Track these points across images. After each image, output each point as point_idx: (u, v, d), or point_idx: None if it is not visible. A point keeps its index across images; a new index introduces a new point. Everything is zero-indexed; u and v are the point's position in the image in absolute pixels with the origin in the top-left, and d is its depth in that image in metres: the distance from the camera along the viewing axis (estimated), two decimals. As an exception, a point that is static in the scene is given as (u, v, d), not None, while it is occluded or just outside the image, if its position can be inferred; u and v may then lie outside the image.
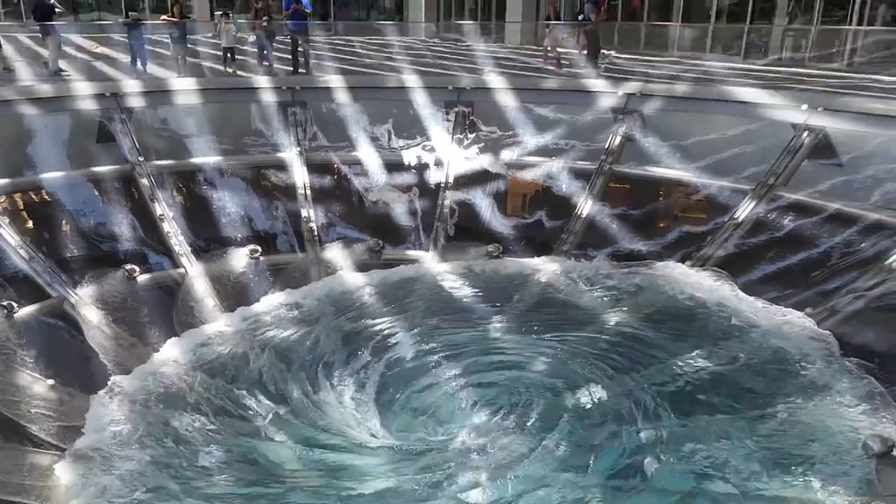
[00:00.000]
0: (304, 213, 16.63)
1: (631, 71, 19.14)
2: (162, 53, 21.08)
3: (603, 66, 19.39)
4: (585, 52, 20.06)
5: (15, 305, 12.56)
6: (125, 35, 20.51)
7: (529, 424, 10.43)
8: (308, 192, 16.89)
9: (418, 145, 17.73)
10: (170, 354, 12.51)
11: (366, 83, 18.72)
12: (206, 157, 16.86)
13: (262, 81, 18.27)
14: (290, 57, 20.18)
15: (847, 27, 19.32)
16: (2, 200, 14.44)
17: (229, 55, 19.90)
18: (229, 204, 16.28)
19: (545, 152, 17.27)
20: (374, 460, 9.94)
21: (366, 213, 17.22)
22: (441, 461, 9.72)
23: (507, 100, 17.77)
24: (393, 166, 17.49)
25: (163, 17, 20.97)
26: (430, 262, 16.13)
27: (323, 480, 9.63)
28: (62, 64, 18.80)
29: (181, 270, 14.93)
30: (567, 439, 9.99)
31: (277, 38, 21.54)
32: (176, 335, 13.11)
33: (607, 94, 17.14)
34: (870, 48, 18.54)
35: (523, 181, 17.29)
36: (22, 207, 15.00)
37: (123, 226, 15.13)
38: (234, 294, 14.67)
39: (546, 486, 9.21)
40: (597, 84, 17.51)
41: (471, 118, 17.95)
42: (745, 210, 14.31)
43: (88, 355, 12.36)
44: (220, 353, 12.55)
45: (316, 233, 16.43)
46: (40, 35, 20.44)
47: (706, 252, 14.42)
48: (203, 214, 16.08)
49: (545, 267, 15.39)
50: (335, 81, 18.31)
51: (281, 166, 17.18)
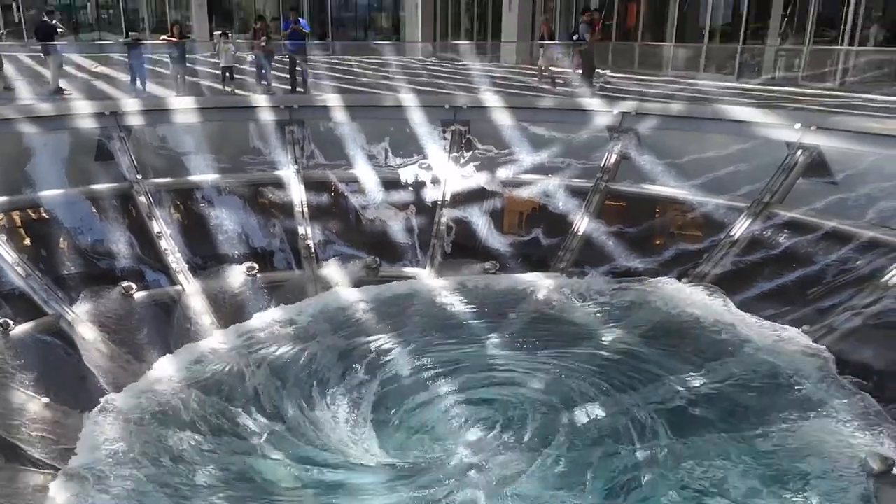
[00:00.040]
0: (302, 231, 16.51)
1: (626, 90, 19.15)
2: (161, 73, 21.06)
3: (598, 85, 19.39)
4: (580, 72, 20.09)
5: (11, 323, 12.39)
6: (125, 55, 20.50)
7: (526, 442, 10.28)
8: (305, 210, 16.79)
9: (415, 163, 17.67)
10: (165, 372, 12.33)
11: (363, 102, 18.70)
12: (204, 175, 16.76)
13: (261, 100, 18.22)
14: (289, 76, 20.18)
15: (839, 47, 19.37)
16: (0, 218, 14.31)
17: (228, 74, 19.86)
18: (227, 221, 16.17)
19: (541, 170, 17.21)
20: (371, 478, 9.76)
21: (363, 231, 17.11)
22: (438, 479, 9.56)
23: (504, 118, 17.75)
24: (390, 184, 17.42)
25: (162, 38, 20.92)
26: (427, 279, 16.01)
27: (320, 499, 9.44)
28: (63, 83, 18.78)
29: (178, 288, 14.79)
30: (564, 457, 9.84)
31: (276, 58, 21.55)
32: (172, 352, 12.93)
33: (602, 113, 17.13)
34: (862, 68, 18.57)
35: (520, 199, 17.22)
36: (20, 225, 14.86)
37: (121, 243, 14.99)
38: (231, 311, 14.52)
39: (543, 504, 9.06)
40: (592, 103, 17.50)
41: (467, 136, 17.90)
42: (741, 228, 14.24)
43: (84, 373, 12.16)
44: (215, 370, 12.37)
45: (313, 250, 16.31)
46: (41, 55, 20.46)
47: (702, 269, 14.32)
48: (200, 232, 15.96)
49: (542, 284, 15.26)
50: (333, 100, 18.26)
51: (278, 184, 17.08)
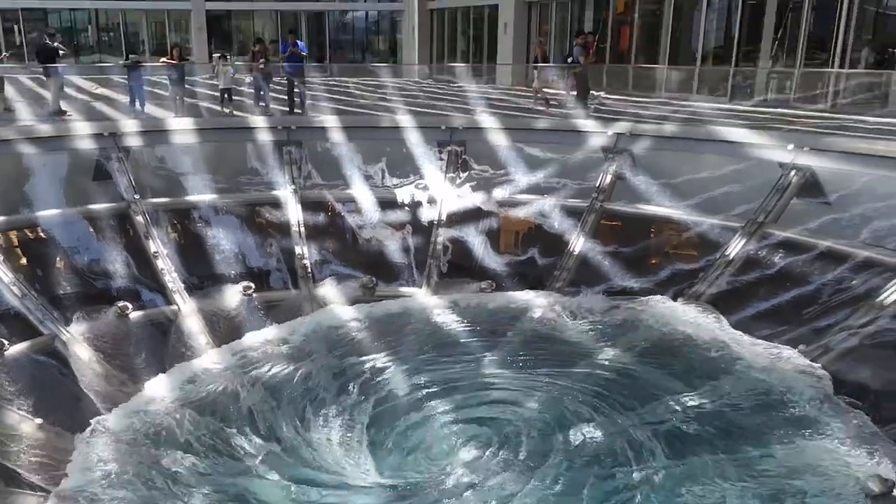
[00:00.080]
0: (298, 251, 16.34)
1: (620, 111, 19.10)
2: (160, 94, 20.99)
3: (593, 107, 19.34)
4: (574, 93, 20.06)
5: (6, 343, 12.18)
6: (125, 76, 20.45)
7: (522, 462, 10.06)
8: (302, 230, 16.62)
9: (411, 183, 17.53)
10: (158, 392, 12.10)
11: (360, 123, 18.60)
12: (202, 195, 16.59)
13: (259, 121, 18.10)
14: (286, 98, 20.11)
15: (830, 70, 19.38)
16: (-3, 238, 14.17)
17: (226, 96, 19.79)
18: (223, 241, 15.98)
19: (537, 190, 17.09)
20: (367, 499, 9.54)
21: (359, 251, 16.95)
22: (434, 499, 9.35)
23: (499, 139, 17.63)
24: (386, 204, 17.27)
25: (162, 60, 20.89)
26: (423, 298, 15.83)
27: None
28: (63, 105, 18.70)
29: (174, 307, 14.57)
30: (561, 477, 9.64)
31: (274, 80, 21.50)
32: (166, 372, 12.72)
33: (597, 134, 17.03)
34: (853, 90, 18.56)
35: (515, 219, 17.09)
36: (17, 244, 14.69)
37: (117, 263, 14.79)
38: (227, 331, 14.30)
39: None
40: (587, 124, 17.42)
41: (463, 157, 17.79)
42: (736, 247, 14.10)
43: (78, 394, 11.95)
44: (209, 390, 12.14)
45: (309, 270, 16.13)
46: (42, 76, 20.40)
47: (698, 289, 14.18)
48: (197, 251, 15.77)
49: (538, 303, 15.09)
50: (330, 121, 18.15)
51: (275, 204, 16.92)
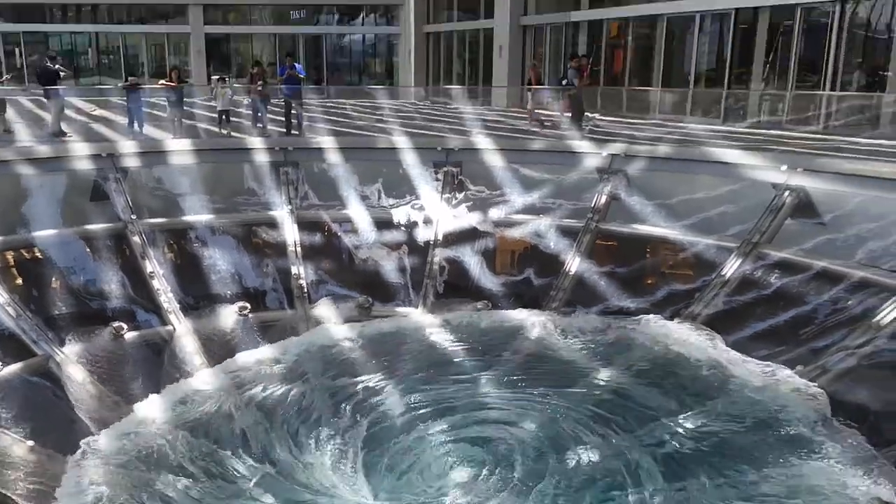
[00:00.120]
0: (294, 271, 16.15)
1: (614, 133, 19.03)
2: (159, 115, 20.88)
3: (587, 128, 19.27)
4: (569, 115, 20.00)
5: (-1, 364, 11.96)
6: (124, 98, 20.34)
7: (518, 483, 9.82)
8: (298, 250, 16.43)
9: (408, 204, 17.39)
10: (151, 413, 11.84)
11: (357, 144, 18.49)
12: (199, 216, 16.40)
13: (256, 142, 17.97)
14: (284, 119, 20.01)
15: (821, 92, 19.37)
16: (-7, 258, 13.96)
17: (224, 117, 19.67)
18: (220, 261, 15.77)
19: (532, 211, 16.96)
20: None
21: (355, 271, 16.76)
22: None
23: (495, 160, 17.52)
24: (383, 224, 17.11)
25: (161, 82, 20.81)
26: (419, 318, 15.63)
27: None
28: (63, 126, 18.55)
29: (169, 328, 14.34)
30: (556, 499, 9.42)
31: (272, 102, 21.39)
32: (160, 392, 12.47)
33: (592, 155, 16.92)
34: (845, 112, 18.53)
35: (511, 239, 16.93)
36: (12, 265, 14.46)
37: (113, 283, 14.57)
38: (223, 351, 14.08)
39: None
40: (582, 145, 17.33)
41: (459, 178, 17.67)
42: (732, 268, 13.93)
43: (71, 415, 11.69)
44: (202, 410, 11.90)
45: (305, 290, 15.93)
46: (43, 98, 20.28)
47: (694, 309, 14.00)
48: (193, 271, 15.56)
49: (534, 323, 14.89)
50: (327, 142, 18.02)
51: (272, 224, 16.75)
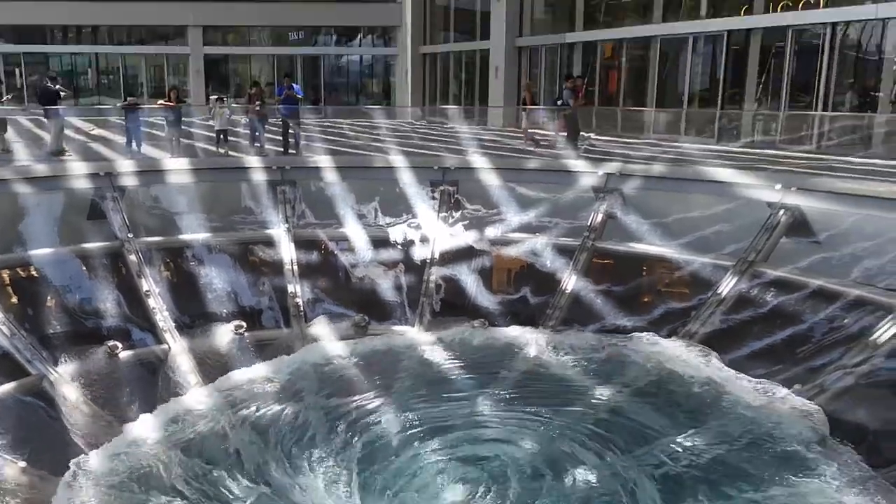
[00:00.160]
0: (291, 289, 15.95)
1: (610, 152, 18.95)
2: (157, 135, 20.77)
3: (583, 148, 19.20)
4: (565, 135, 19.95)
5: (-9, 383, 11.72)
6: (122, 118, 20.24)
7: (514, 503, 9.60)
8: (295, 268, 16.24)
9: (404, 222, 17.25)
10: (145, 432, 11.55)
11: (354, 163, 18.37)
12: (196, 234, 16.23)
13: (253, 161, 17.87)
14: (281, 138, 19.90)
15: (814, 112, 19.36)
16: (-11, 277, 13.74)
17: (222, 137, 19.57)
18: (216, 280, 15.56)
19: (529, 229, 16.82)
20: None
21: (352, 289, 16.56)
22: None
23: (491, 179, 17.43)
24: (379, 243, 16.95)
25: (160, 102, 20.75)
26: (416, 336, 15.42)
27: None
28: (63, 145, 18.40)
29: (164, 347, 14.11)
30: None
31: (270, 121, 21.31)
32: (154, 411, 12.19)
33: (587, 174, 16.82)
34: (838, 131, 18.51)
35: (508, 257, 16.78)
36: (8, 283, 14.22)
37: (109, 302, 14.34)
38: (218, 370, 13.82)
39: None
40: (577, 164, 17.24)
41: (456, 196, 17.56)
42: (728, 286, 13.78)
43: (64, 435, 11.42)
44: (196, 430, 11.64)
45: (302, 308, 15.72)
46: (41, 118, 20.17)
47: (691, 328, 13.83)
48: (189, 290, 15.35)
49: (530, 341, 14.69)
50: (324, 161, 17.93)
51: (269, 242, 16.57)
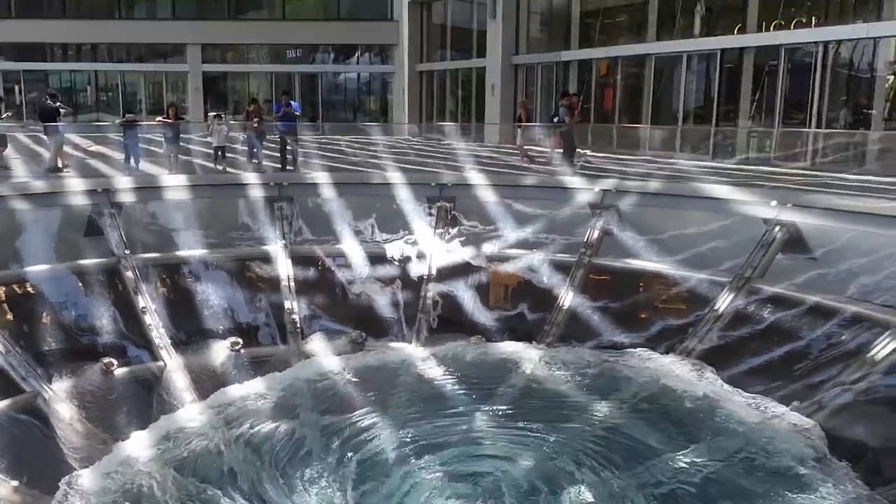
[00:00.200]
0: (288, 305, 15.78)
1: (606, 169, 18.90)
2: (155, 151, 20.66)
3: (579, 164, 19.14)
4: (561, 151, 19.90)
5: (-15, 401, 11.52)
6: (120, 134, 20.14)
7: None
8: (292, 285, 16.08)
9: (401, 239, 17.12)
10: (139, 450, 11.35)
11: (351, 179, 18.26)
12: (192, 251, 16.06)
13: (251, 178, 17.72)
14: (279, 155, 19.81)
15: (808, 129, 19.37)
16: (-16, 294, 13.57)
17: (220, 153, 19.45)
18: (213, 296, 15.39)
19: (525, 245, 16.72)
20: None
21: (349, 306, 16.40)
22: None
23: (488, 195, 17.33)
24: (376, 259, 16.80)
25: (158, 119, 20.67)
26: (412, 352, 15.26)
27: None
28: (62, 161, 18.30)
29: (160, 363, 13.91)
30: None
31: (267, 138, 21.22)
32: (149, 429, 12.01)
33: (584, 191, 16.74)
34: (832, 148, 18.49)
35: (505, 273, 16.65)
36: (4, 300, 14.06)
37: (105, 319, 14.16)
38: (214, 387, 13.63)
39: None
40: (573, 181, 17.17)
41: (452, 213, 17.45)
42: (725, 302, 13.66)
43: (58, 453, 11.22)
44: (190, 447, 11.43)
45: (298, 325, 15.55)
46: (39, 134, 20.07)
47: (688, 344, 13.70)
48: (186, 307, 15.18)
49: (527, 357, 14.54)
50: (321, 178, 17.80)
51: (266, 259, 16.39)
